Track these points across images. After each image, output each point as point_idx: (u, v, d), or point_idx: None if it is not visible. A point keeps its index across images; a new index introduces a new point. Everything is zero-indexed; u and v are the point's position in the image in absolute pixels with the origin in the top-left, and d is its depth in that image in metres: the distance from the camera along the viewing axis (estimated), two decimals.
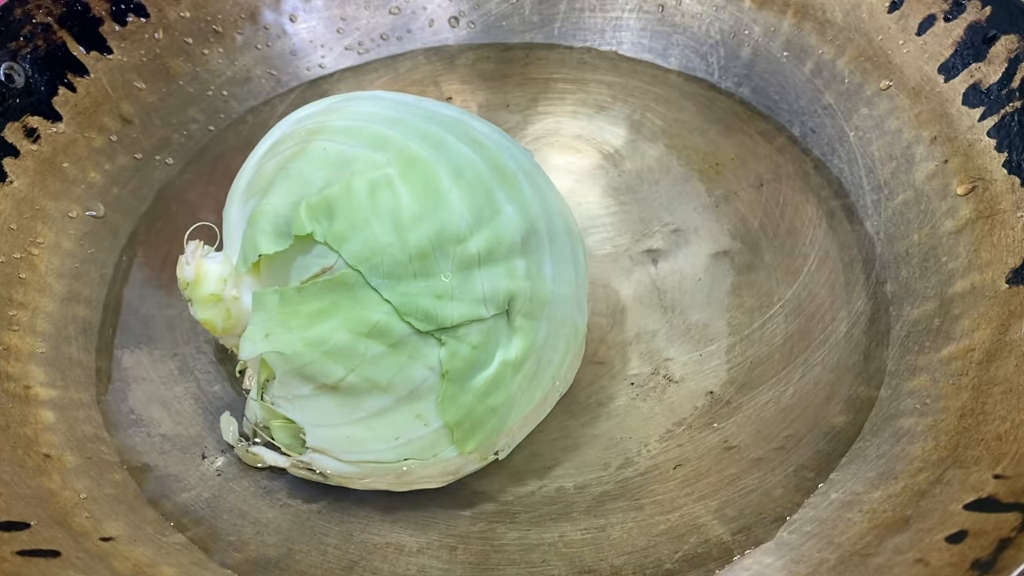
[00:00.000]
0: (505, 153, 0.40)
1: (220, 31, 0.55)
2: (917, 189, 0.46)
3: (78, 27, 0.49)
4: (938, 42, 0.47)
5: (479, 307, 0.36)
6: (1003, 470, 0.33)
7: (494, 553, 0.39)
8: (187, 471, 0.41)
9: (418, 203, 0.36)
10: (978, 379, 0.37)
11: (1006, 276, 0.40)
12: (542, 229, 0.39)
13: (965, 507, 0.32)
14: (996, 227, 0.41)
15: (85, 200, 0.48)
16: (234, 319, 0.39)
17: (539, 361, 0.39)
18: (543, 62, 0.58)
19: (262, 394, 0.39)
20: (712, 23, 0.56)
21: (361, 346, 0.35)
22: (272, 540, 0.39)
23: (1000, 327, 0.38)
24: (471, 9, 0.59)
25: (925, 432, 0.37)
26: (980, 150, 0.44)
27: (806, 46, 0.53)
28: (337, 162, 0.37)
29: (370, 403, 0.36)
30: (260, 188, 0.38)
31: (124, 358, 0.45)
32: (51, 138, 0.48)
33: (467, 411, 0.37)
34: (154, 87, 0.52)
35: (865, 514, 0.35)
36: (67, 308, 0.45)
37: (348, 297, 0.35)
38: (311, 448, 0.38)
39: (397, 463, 0.38)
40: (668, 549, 0.38)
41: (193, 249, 0.40)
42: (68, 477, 0.38)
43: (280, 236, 0.36)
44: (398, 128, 0.38)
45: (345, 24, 0.58)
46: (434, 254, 0.35)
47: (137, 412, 0.43)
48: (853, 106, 0.50)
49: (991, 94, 0.44)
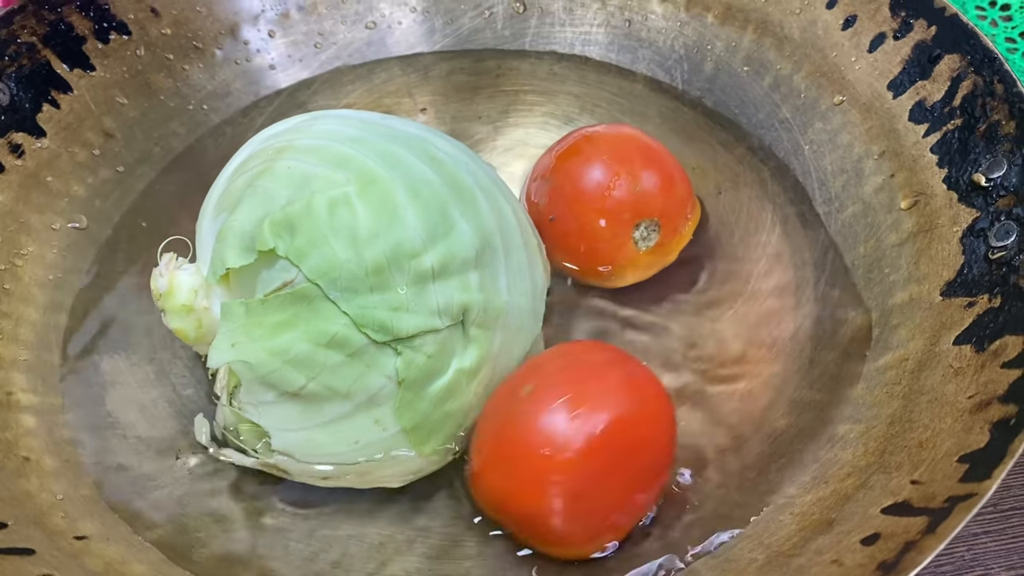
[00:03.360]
0: (463, 170, 0.42)
1: (200, 47, 0.57)
2: (865, 202, 0.47)
3: (62, 46, 0.51)
4: (888, 59, 0.48)
5: (434, 318, 0.38)
6: (919, 476, 0.34)
7: (453, 548, 0.41)
8: (161, 471, 0.43)
9: (375, 220, 0.38)
10: (908, 388, 0.39)
11: (940, 288, 0.41)
12: (498, 243, 0.41)
13: (882, 511, 0.34)
14: (935, 241, 0.43)
15: (68, 213, 0.50)
16: (205, 328, 0.41)
17: (495, 368, 0.41)
18: (514, 73, 0.60)
19: (231, 399, 0.41)
20: (677, 38, 0.57)
21: (321, 356, 0.37)
22: (238, 536, 0.41)
23: (932, 338, 0.40)
24: (445, 24, 0.60)
25: (857, 439, 0.39)
26: (923, 165, 0.45)
27: (765, 61, 0.54)
28: (300, 180, 0.39)
29: (330, 409, 0.38)
30: (229, 204, 0.40)
31: (103, 364, 0.47)
32: (35, 153, 0.50)
33: (424, 416, 0.39)
34: (136, 102, 0.54)
35: (795, 516, 0.37)
36: (49, 317, 0.47)
37: (308, 309, 0.37)
38: (276, 451, 0.40)
39: (357, 464, 0.40)
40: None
41: (167, 262, 0.42)
42: (46, 479, 0.40)
43: (246, 251, 0.38)
44: (359, 147, 0.40)
45: (322, 39, 0.60)
46: (390, 269, 0.37)
47: (114, 415, 0.45)
48: (808, 120, 0.52)
49: (935, 111, 0.46)
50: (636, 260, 0.47)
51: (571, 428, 0.33)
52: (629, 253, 0.47)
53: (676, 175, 0.48)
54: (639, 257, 0.47)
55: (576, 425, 0.33)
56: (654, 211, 0.46)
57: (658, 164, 0.47)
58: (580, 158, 0.47)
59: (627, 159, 0.47)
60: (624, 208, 0.46)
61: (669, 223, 0.47)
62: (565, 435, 0.33)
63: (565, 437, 0.33)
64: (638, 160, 0.47)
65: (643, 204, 0.46)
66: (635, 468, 0.34)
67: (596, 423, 0.33)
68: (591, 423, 0.33)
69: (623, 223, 0.46)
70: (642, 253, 0.47)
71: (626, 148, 0.47)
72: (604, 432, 0.32)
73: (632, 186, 0.46)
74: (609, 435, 0.33)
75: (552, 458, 0.33)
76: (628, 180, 0.46)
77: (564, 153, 0.48)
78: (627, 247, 0.47)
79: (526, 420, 0.35)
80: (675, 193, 0.47)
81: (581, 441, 0.33)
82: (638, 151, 0.47)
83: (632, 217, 0.46)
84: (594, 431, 0.32)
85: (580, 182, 0.47)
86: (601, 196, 0.46)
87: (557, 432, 0.33)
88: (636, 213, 0.46)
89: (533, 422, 0.34)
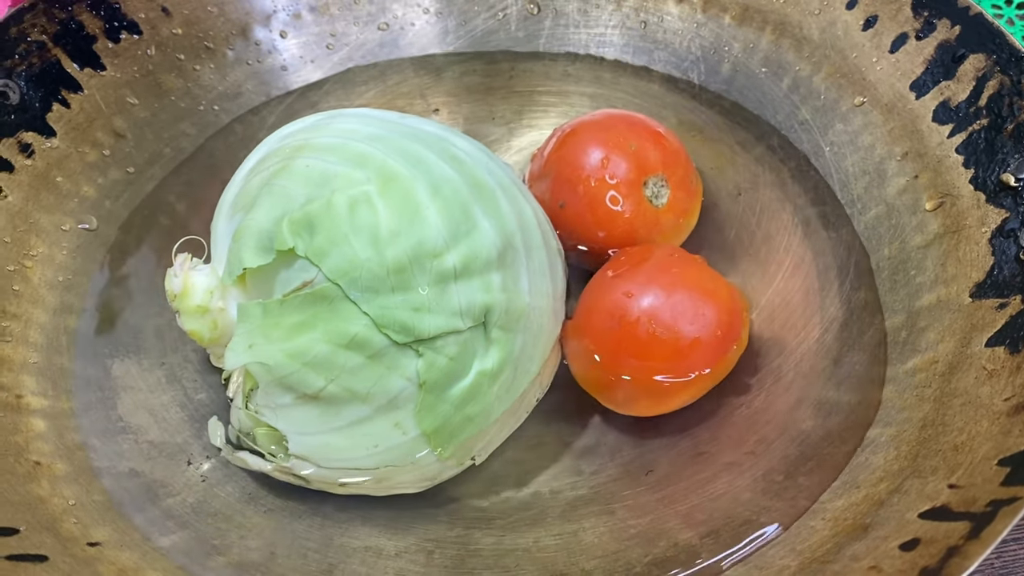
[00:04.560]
0: (484, 169, 0.41)
1: (212, 47, 0.56)
2: (889, 204, 0.47)
3: (72, 45, 0.51)
4: (910, 60, 0.48)
5: (455, 320, 0.37)
6: (957, 480, 0.34)
7: (469, 558, 0.41)
8: (173, 477, 0.42)
9: (396, 219, 0.37)
10: (940, 391, 0.38)
11: (970, 290, 0.41)
12: (519, 243, 0.40)
13: (920, 516, 0.33)
14: (962, 242, 0.42)
15: (78, 213, 0.49)
16: (220, 330, 0.40)
17: (516, 371, 0.40)
18: (528, 75, 0.59)
19: (247, 403, 0.40)
20: (693, 39, 0.57)
21: (341, 357, 0.36)
22: (255, 544, 0.40)
23: (962, 340, 0.39)
24: (458, 26, 0.60)
25: (888, 442, 0.38)
26: (948, 166, 0.45)
27: (784, 62, 0.53)
28: (319, 179, 0.38)
29: (349, 412, 0.37)
30: (245, 203, 0.40)
31: (114, 367, 0.46)
32: (45, 153, 0.49)
33: (444, 420, 0.38)
34: (146, 102, 0.53)
35: (827, 522, 0.36)
36: (59, 319, 0.46)
37: (328, 310, 0.36)
38: (293, 455, 0.39)
39: (376, 469, 0.39)
40: (638, 553, 0.39)
41: (181, 262, 0.41)
42: (57, 484, 0.39)
43: (263, 250, 0.38)
44: (379, 145, 0.39)
45: (335, 40, 0.59)
46: (411, 268, 0.37)
47: (125, 420, 0.44)
48: (828, 121, 0.51)
49: (960, 112, 0.45)
50: (657, 221, 0.48)
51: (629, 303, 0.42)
52: (646, 213, 0.48)
53: (664, 132, 0.50)
54: (659, 215, 0.48)
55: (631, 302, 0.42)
56: (656, 165, 0.48)
57: (644, 126, 0.50)
58: (572, 143, 0.49)
59: (614, 127, 0.49)
60: (628, 169, 0.47)
61: (674, 175, 0.48)
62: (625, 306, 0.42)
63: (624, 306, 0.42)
64: (624, 127, 0.49)
65: (643, 160, 0.48)
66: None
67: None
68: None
69: (631, 184, 0.47)
70: (660, 210, 0.48)
71: (611, 122, 0.50)
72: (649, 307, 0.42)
73: (627, 146, 0.47)
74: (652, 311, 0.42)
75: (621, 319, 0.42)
76: (622, 142, 0.48)
77: (555, 146, 0.50)
78: (642, 206, 0.47)
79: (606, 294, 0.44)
80: (669, 146, 0.49)
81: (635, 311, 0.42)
82: (623, 122, 0.50)
83: (637, 175, 0.47)
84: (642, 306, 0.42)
85: (579, 160, 0.48)
86: (602, 165, 0.47)
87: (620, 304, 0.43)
88: (640, 170, 0.47)
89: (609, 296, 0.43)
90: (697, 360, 0.42)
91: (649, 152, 0.48)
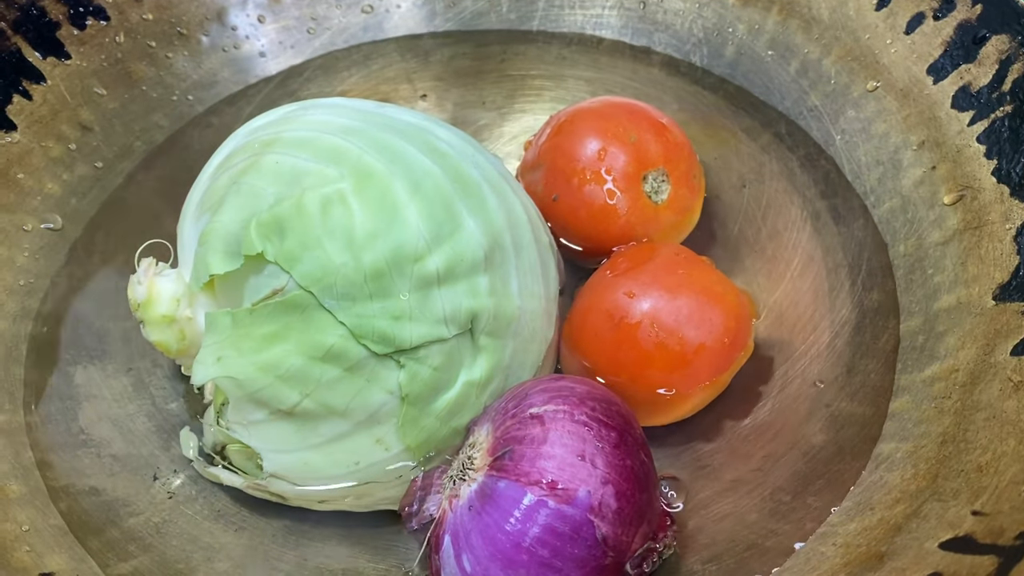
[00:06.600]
0: (469, 162, 0.39)
1: (185, 33, 0.53)
2: (904, 196, 0.44)
3: (34, 32, 0.48)
4: (927, 42, 0.45)
5: (440, 327, 0.35)
6: (982, 506, 0.31)
7: None
8: (137, 495, 0.40)
9: (372, 220, 0.35)
10: (961, 403, 0.36)
11: (993, 292, 0.38)
12: (507, 242, 0.38)
13: (940, 546, 0.31)
14: (984, 239, 0.40)
15: (41, 212, 0.47)
16: (188, 340, 0.38)
17: (506, 379, 0.39)
18: (521, 58, 0.57)
19: (218, 418, 0.37)
20: (695, 20, 0.54)
21: (316, 370, 0.34)
22: (223, 567, 0.38)
23: (985, 347, 0.37)
24: (446, 7, 0.57)
25: (905, 459, 0.36)
26: (969, 156, 0.42)
27: (791, 45, 0.51)
28: (289, 176, 0.36)
29: (327, 428, 0.36)
30: (212, 203, 0.38)
31: (76, 375, 0.43)
32: (4, 148, 0.47)
33: (429, 434, 0.37)
34: (115, 93, 0.51)
35: (839, 548, 0.34)
36: (18, 326, 0.44)
37: (301, 319, 0.34)
38: (269, 473, 0.37)
39: (357, 486, 0.37)
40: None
41: (145, 267, 0.39)
42: (11, 508, 0.37)
43: (231, 255, 0.36)
44: (354, 139, 0.37)
45: (316, 24, 0.56)
46: (390, 273, 0.35)
47: (87, 432, 0.42)
48: (839, 108, 0.48)
49: (981, 97, 0.42)
50: (656, 218, 0.45)
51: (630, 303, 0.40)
52: (644, 209, 0.44)
53: (668, 123, 0.47)
54: (658, 212, 0.45)
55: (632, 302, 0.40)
56: (657, 159, 0.45)
57: (646, 116, 0.46)
58: (568, 132, 0.46)
59: (614, 117, 0.45)
60: (626, 162, 0.44)
61: (676, 170, 0.45)
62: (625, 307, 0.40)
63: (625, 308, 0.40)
64: (625, 116, 0.45)
65: (643, 153, 0.44)
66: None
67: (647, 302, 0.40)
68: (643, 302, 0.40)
69: (630, 178, 0.44)
70: (660, 207, 0.45)
71: (611, 111, 0.46)
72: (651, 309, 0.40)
73: (627, 137, 0.44)
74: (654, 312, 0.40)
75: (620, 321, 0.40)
76: (621, 133, 0.44)
77: (550, 135, 0.47)
78: (641, 202, 0.44)
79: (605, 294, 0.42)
80: (672, 139, 0.46)
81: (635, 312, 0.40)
82: (623, 110, 0.46)
83: (637, 169, 0.44)
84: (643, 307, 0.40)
85: (575, 151, 0.45)
86: (599, 157, 0.44)
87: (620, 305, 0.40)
88: (640, 164, 0.44)
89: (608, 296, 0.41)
90: (702, 369, 0.39)
91: (650, 144, 0.45)
